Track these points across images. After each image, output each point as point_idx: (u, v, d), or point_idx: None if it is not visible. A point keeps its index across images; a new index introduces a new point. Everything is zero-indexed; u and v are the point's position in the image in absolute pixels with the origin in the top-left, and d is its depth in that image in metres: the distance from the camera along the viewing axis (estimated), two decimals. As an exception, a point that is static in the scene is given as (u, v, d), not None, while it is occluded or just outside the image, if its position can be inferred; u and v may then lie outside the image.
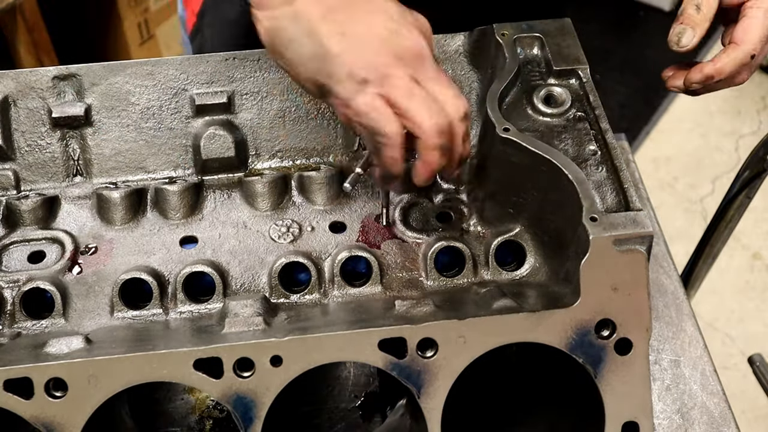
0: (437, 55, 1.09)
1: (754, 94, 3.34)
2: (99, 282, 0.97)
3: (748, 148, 2.27)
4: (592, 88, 0.98)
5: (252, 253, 1.00)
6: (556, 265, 0.93)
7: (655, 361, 1.13)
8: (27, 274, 0.97)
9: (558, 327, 0.82)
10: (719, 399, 1.10)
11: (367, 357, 0.81)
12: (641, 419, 0.83)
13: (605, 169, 0.91)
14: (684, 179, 3.07)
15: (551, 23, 1.03)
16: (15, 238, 1.00)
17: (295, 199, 1.04)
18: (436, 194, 1.05)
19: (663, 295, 1.21)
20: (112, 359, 0.79)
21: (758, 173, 1.34)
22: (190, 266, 0.96)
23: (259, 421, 0.80)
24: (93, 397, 0.79)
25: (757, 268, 2.82)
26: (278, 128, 1.08)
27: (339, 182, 1.05)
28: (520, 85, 0.99)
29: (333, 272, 0.97)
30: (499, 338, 0.82)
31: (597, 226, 0.83)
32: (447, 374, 0.81)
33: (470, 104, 1.10)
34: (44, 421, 0.78)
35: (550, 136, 0.94)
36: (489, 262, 0.98)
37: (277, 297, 0.96)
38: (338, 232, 1.02)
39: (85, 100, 1.04)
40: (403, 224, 1.02)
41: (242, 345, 0.80)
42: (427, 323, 0.81)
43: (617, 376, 0.83)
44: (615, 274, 0.82)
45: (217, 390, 0.80)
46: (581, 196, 0.85)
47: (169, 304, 0.96)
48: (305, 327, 0.85)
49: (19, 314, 0.94)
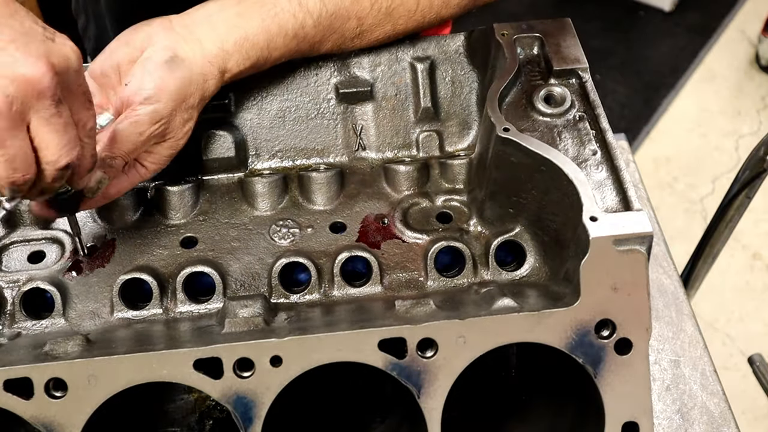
0: (435, 56, 1.09)
1: (754, 94, 3.34)
2: (99, 282, 0.97)
3: (748, 148, 2.27)
4: (592, 88, 0.98)
5: (252, 253, 1.00)
6: (556, 265, 0.93)
7: (655, 361, 1.13)
8: (27, 274, 0.97)
9: (558, 327, 0.82)
10: (719, 399, 1.10)
11: (367, 357, 0.81)
12: (641, 419, 0.83)
13: (605, 169, 0.91)
14: (684, 179, 3.07)
15: (551, 23, 1.03)
16: (15, 238, 1.00)
17: (295, 200, 1.04)
18: (436, 194, 1.05)
19: (663, 295, 1.22)
20: (112, 359, 0.79)
21: (758, 173, 1.34)
22: (190, 266, 0.96)
23: (259, 421, 0.80)
24: (93, 397, 0.79)
25: (757, 268, 2.82)
26: (278, 128, 1.08)
27: (339, 182, 1.05)
28: (520, 85, 0.99)
29: (333, 272, 0.97)
30: (499, 338, 0.82)
31: (597, 226, 0.83)
32: (447, 374, 0.81)
33: (470, 105, 1.10)
34: (44, 421, 0.78)
35: (550, 136, 0.94)
36: (489, 262, 0.98)
37: (277, 297, 0.96)
38: (338, 232, 1.02)
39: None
40: (403, 224, 1.02)
41: (242, 345, 0.80)
42: (427, 323, 0.81)
43: (617, 376, 0.83)
44: (615, 274, 0.82)
45: (217, 390, 0.80)
46: (581, 196, 0.85)
47: (169, 304, 0.96)
48: (305, 327, 0.85)
49: (19, 314, 0.94)
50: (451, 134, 1.10)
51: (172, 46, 0.92)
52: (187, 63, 0.92)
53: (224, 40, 0.94)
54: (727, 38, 3.55)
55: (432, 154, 1.09)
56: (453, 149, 1.10)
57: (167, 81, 0.90)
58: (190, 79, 0.92)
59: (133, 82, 0.91)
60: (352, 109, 1.09)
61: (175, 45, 0.92)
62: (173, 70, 0.91)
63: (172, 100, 0.91)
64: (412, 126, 1.10)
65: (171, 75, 0.91)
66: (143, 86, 0.90)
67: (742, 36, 3.56)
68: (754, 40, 3.49)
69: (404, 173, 1.05)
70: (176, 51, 0.92)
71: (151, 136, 0.91)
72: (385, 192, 1.06)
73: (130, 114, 0.89)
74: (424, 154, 1.09)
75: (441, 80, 1.10)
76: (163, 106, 0.90)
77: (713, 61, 3.47)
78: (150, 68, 0.91)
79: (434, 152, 1.09)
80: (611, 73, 3.37)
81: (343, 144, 1.09)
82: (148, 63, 0.91)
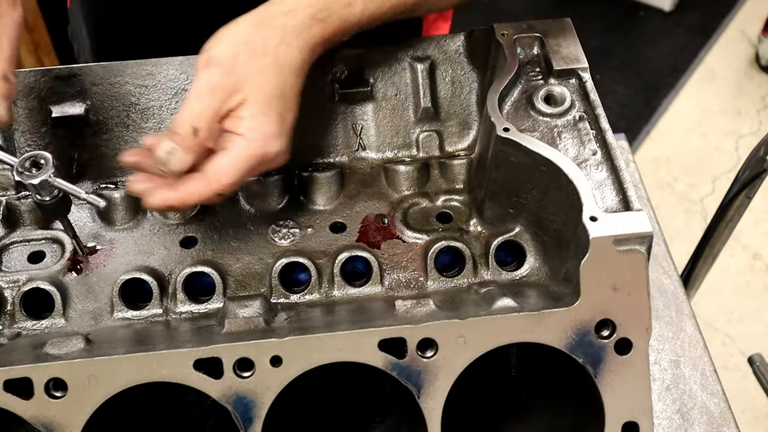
0: (435, 56, 1.09)
1: (754, 94, 3.34)
2: (99, 282, 0.97)
3: (748, 148, 2.27)
4: (592, 88, 0.98)
5: (252, 253, 1.00)
6: (556, 265, 0.93)
7: (655, 361, 1.13)
8: (27, 274, 0.97)
9: (558, 327, 0.82)
10: (719, 399, 1.10)
11: (367, 357, 0.81)
12: (641, 419, 0.83)
13: (605, 169, 0.91)
14: (684, 179, 3.07)
15: (551, 23, 1.03)
16: (15, 238, 1.00)
17: (295, 199, 1.04)
18: (436, 194, 1.05)
19: (663, 295, 1.22)
20: (112, 359, 0.79)
21: (758, 173, 1.34)
22: (190, 266, 0.96)
23: (259, 421, 0.80)
24: (93, 397, 0.79)
25: (757, 268, 2.82)
26: (278, 128, 1.08)
27: (339, 182, 1.05)
28: (520, 85, 0.99)
29: (333, 272, 0.97)
30: (499, 338, 0.82)
31: (597, 226, 0.83)
32: (447, 374, 0.81)
33: (470, 105, 1.10)
34: (44, 421, 0.78)
35: (550, 136, 0.94)
36: (489, 262, 0.98)
37: (277, 297, 0.96)
38: (338, 232, 1.02)
39: (85, 100, 1.04)
40: (403, 224, 1.02)
41: (242, 345, 0.80)
42: (427, 323, 0.81)
43: (617, 376, 0.83)
44: (615, 274, 0.82)
45: (217, 390, 0.80)
46: (581, 196, 0.85)
47: (169, 304, 0.96)
48: (305, 327, 0.85)
49: (19, 314, 0.94)
50: (451, 134, 1.10)
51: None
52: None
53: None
54: (727, 38, 3.55)
55: (432, 154, 1.09)
56: (453, 149, 1.10)
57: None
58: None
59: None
60: (352, 109, 1.09)
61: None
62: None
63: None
64: (412, 126, 1.10)
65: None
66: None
67: (742, 36, 3.56)
68: (754, 40, 3.49)
69: (404, 173, 1.05)
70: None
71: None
72: (385, 192, 1.06)
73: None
74: (424, 154, 1.09)
75: (441, 80, 1.10)
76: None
77: (713, 61, 3.47)
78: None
79: (434, 152, 1.09)
80: (611, 73, 3.37)
81: (343, 144, 1.09)
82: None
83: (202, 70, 0.85)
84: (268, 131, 0.85)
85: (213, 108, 0.83)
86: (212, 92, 0.83)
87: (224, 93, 0.83)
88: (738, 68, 3.44)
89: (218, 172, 0.84)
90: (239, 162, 0.84)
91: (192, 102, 0.83)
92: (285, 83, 0.86)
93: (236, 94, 0.84)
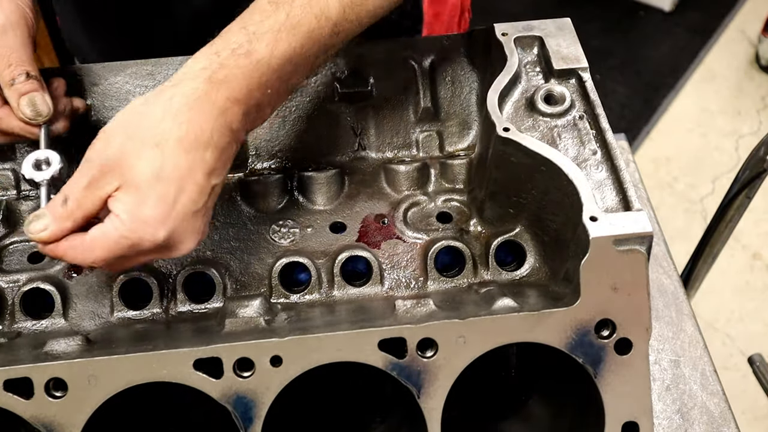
0: (435, 56, 1.09)
1: (754, 94, 3.34)
2: (99, 282, 0.97)
3: (748, 148, 2.27)
4: (592, 88, 0.98)
5: (252, 253, 1.00)
6: (556, 265, 0.93)
7: (655, 361, 1.13)
8: (27, 274, 0.97)
9: (558, 327, 0.82)
10: (719, 399, 1.10)
11: (367, 357, 0.81)
12: (641, 419, 0.83)
13: (605, 169, 0.91)
14: (684, 179, 3.07)
15: (551, 23, 1.03)
16: (15, 238, 1.00)
17: (295, 199, 1.04)
18: (436, 194, 1.05)
19: (663, 295, 1.21)
20: (112, 359, 0.79)
21: (758, 173, 1.34)
22: (190, 266, 0.96)
23: (259, 421, 0.80)
24: (93, 397, 0.79)
25: (757, 268, 2.82)
26: (278, 128, 1.08)
27: (339, 182, 1.05)
28: (520, 85, 0.99)
29: (333, 272, 0.97)
30: (499, 338, 0.82)
31: (597, 226, 0.83)
32: (447, 374, 0.81)
33: (470, 105, 1.10)
34: (44, 421, 0.79)
35: (550, 136, 0.94)
36: (489, 262, 0.98)
37: (277, 297, 0.96)
38: (338, 232, 1.02)
39: (85, 100, 1.04)
40: (403, 224, 1.02)
41: (242, 345, 0.80)
42: (427, 323, 0.81)
43: (617, 376, 0.83)
44: (615, 274, 0.82)
45: (217, 390, 0.80)
46: (581, 196, 0.85)
47: (169, 304, 0.96)
48: (305, 327, 0.85)
49: (19, 314, 0.94)
50: (451, 134, 1.10)
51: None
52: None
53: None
54: (727, 38, 3.55)
55: (432, 154, 1.09)
56: (453, 149, 1.10)
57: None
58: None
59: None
60: (352, 109, 1.09)
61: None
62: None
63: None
64: (412, 126, 1.10)
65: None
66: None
67: (742, 36, 3.55)
68: (754, 40, 3.49)
69: (404, 173, 1.05)
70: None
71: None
72: (385, 192, 1.06)
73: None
74: (424, 154, 1.09)
75: (441, 80, 1.10)
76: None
77: (713, 61, 3.47)
78: None
79: (434, 152, 1.09)
80: (611, 73, 3.37)
81: (343, 144, 1.09)
82: None
83: (94, 141, 0.82)
84: (143, 216, 0.78)
85: (84, 181, 0.79)
86: (87, 166, 0.80)
87: (98, 171, 0.79)
88: (738, 68, 3.44)
89: (91, 243, 0.80)
90: (108, 240, 0.79)
91: (75, 173, 0.81)
92: (167, 164, 0.78)
93: (111, 175, 0.79)
